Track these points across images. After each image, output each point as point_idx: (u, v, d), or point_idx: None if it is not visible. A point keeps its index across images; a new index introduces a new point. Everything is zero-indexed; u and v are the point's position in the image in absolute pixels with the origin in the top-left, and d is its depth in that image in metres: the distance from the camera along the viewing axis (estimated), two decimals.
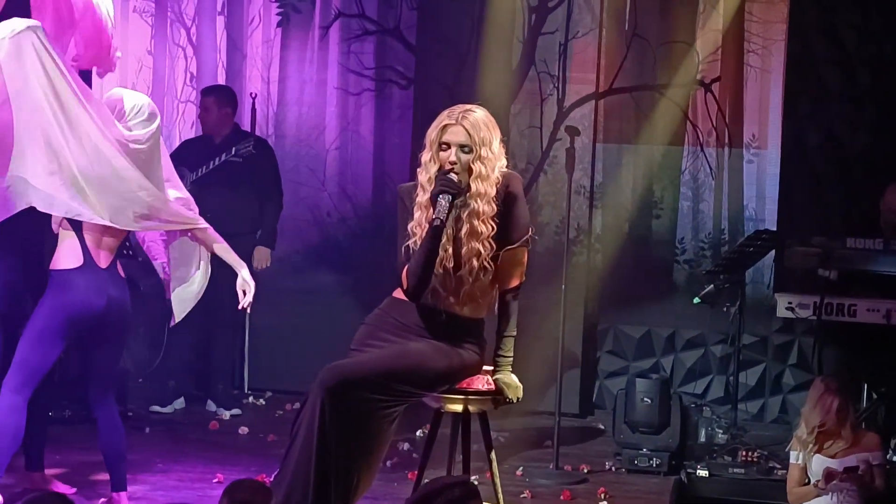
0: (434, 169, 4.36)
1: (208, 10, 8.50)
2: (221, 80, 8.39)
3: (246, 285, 5.10)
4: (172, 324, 5.32)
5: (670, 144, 8.09)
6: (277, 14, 8.40)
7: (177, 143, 8.16)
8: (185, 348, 7.50)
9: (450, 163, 4.34)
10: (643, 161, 8.11)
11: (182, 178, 7.29)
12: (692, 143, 8.10)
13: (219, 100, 7.50)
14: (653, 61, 8.04)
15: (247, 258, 7.63)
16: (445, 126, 4.37)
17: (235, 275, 5.19)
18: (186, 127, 8.54)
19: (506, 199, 4.39)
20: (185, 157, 7.38)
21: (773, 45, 7.99)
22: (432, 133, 4.39)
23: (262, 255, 7.48)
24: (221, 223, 7.29)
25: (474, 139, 4.33)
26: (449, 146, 4.35)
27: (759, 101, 8.05)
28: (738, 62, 8.07)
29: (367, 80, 8.30)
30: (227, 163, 7.34)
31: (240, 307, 5.12)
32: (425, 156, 4.41)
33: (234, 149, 7.34)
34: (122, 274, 5.13)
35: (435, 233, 4.29)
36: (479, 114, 4.40)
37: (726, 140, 8.09)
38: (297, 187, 8.26)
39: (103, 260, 5.01)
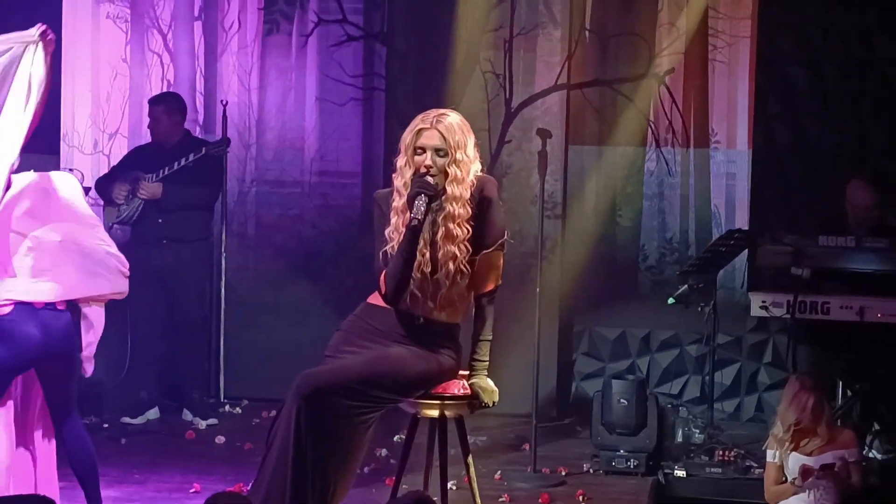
0: (409, 173, 4.37)
1: (185, 15, 8.28)
2: (200, 88, 8.22)
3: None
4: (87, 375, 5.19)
5: (631, 144, 7.96)
6: (266, 22, 8.17)
7: None
8: (151, 357, 7.46)
9: (425, 166, 4.35)
10: (605, 162, 7.99)
11: (137, 180, 7.33)
12: (661, 143, 7.96)
13: (168, 108, 7.48)
14: (610, 57, 7.90)
15: (202, 263, 7.63)
16: (420, 130, 4.38)
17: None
18: None
19: (480, 202, 4.39)
20: (138, 162, 7.39)
21: (740, 41, 7.87)
22: (407, 137, 4.40)
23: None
24: (173, 228, 7.36)
25: (449, 143, 4.34)
26: (424, 150, 4.36)
27: (726, 100, 7.93)
28: (702, 59, 7.93)
29: (351, 88, 8.08)
30: (184, 168, 7.31)
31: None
32: (400, 160, 4.42)
33: (203, 149, 7.30)
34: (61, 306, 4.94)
35: (412, 234, 4.29)
36: (453, 117, 4.41)
37: (690, 139, 7.96)
38: (277, 196, 8.15)
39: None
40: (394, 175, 4.44)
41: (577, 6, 7.83)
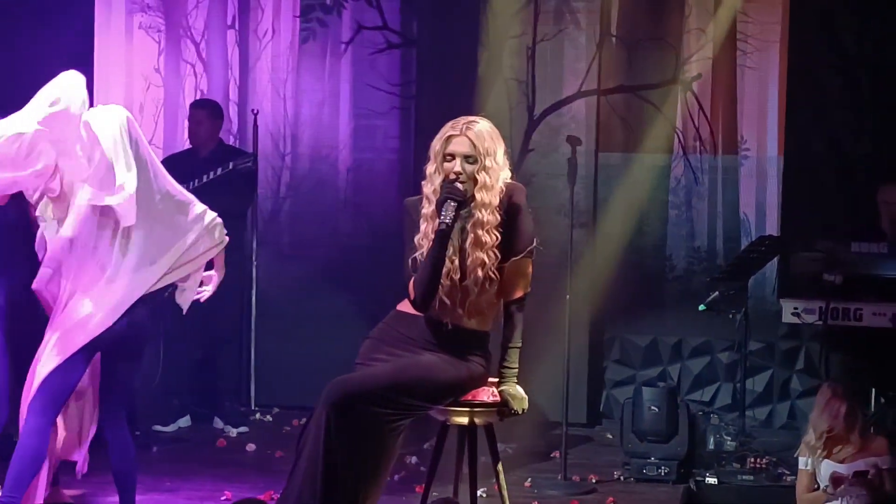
0: (439, 180, 4.38)
1: (218, 24, 8.26)
2: (234, 97, 8.23)
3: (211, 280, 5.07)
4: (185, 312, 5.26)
5: (658, 152, 7.92)
6: (303, 30, 8.13)
7: None
8: (184, 365, 7.51)
9: (454, 173, 4.36)
10: (631, 170, 7.92)
11: None
12: (688, 151, 7.93)
13: (211, 113, 7.51)
14: (636, 63, 7.86)
15: (234, 273, 7.60)
16: (450, 137, 4.39)
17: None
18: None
19: (509, 209, 4.40)
20: (171, 174, 7.38)
21: (770, 46, 7.83)
22: (437, 144, 4.42)
23: None
24: None
25: (479, 149, 4.36)
26: (454, 157, 4.38)
27: (756, 105, 7.88)
28: (730, 64, 7.87)
29: (388, 97, 8.01)
30: (221, 177, 7.31)
31: (200, 297, 5.09)
32: (429, 167, 4.43)
33: (230, 164, 7.29)
34: None
35: (441, 238, 4.30)
36: (483, 125, 4.42)
37: (718, 146, 7.91)
38: (311, 206, 8.12)
39: None
40: (423, 182, 4.46)
41: (602, 12, 7.80)
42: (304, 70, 8.17)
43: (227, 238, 5.05)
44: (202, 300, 5.10)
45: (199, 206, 4.96)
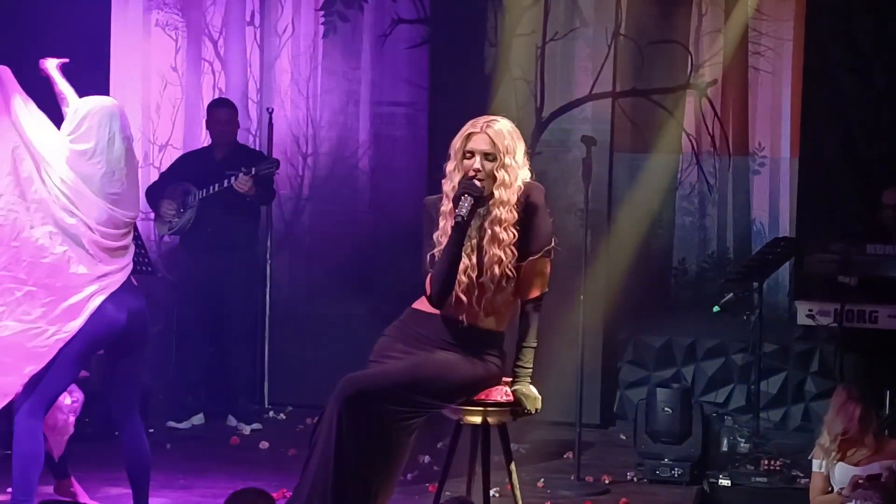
0: (458, 178, 4.38)
1: (236, 20, 8.15)
2: (253, 96, 8.14)
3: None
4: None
5: (668, 152, 7.89)
6: (322, 24, 8.02)
7: None
8: (198, 363, 7.52)
9: (473, 170, 4.37)
10: (643, 172, 7.90)
11: (187, 193, 7.35)
12: (700, 154, 7.89)
13: (230, 113, 7.51)
14: (647, 65, 7.80)
15: (250, 271, 7.63)
16: (470, 135, 4.40)
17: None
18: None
19: (527, 208, 4.40)
20: (187, 173, 7.39)
21: (784, 45, 7.78)
22: (457, 142, 4.43)
23: (246, 182, 7.13)
24: (223, 237, 7.37)
25: (498, 147, 4.37)
26: (473, 154, 4.38)
27: (769, 107, 7.83)
28: (743, 66, 7.81)
29: (410, 94, 7.92)
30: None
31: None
32: (449, 165, 4.44)
33: (253, 169, 7.17)
34: (135, 282, 5.05)
35: (458, 233, 4.31)
36: (503, 123, 4.44)
37: (730, 149, 7.86)
38: (331, 206, 8.05)
39: None
40: (443, 181, 4.46)
41: (613, 12, 7.74)
42: (326, 67, 8.06)
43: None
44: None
45: None
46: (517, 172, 4.40)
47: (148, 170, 8.01)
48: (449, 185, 4.43)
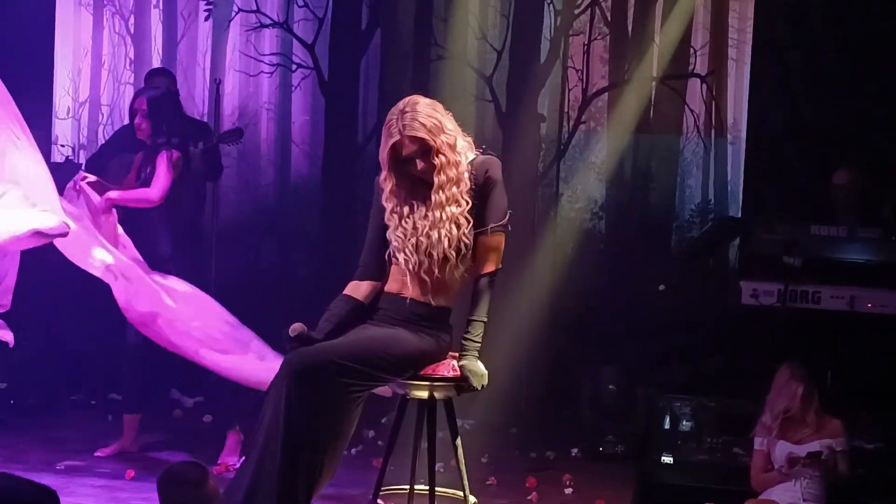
0: (390, 185, 4.36)
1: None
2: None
3: None
4: None
5: (669, 133, 8.27)
6: (205, 10, 8.72)
7: (118, 125, 8.22)
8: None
9: (419, 172, 4.32)
10: (645, 146, 8.26)
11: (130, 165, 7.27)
12: (692, 132, 8.32)
13: (169, 82, 7.38)
14: (647, 56, 8.15)
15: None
16: (393, 145, 4.34)
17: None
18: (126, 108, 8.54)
19: (485, 183, 4.39)
20: (129, 142, 7.28)
21: (746, 34, 8.12)
22: (383, 153, 4.37)
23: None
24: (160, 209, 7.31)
25: (425, 140, 4.32)
26: (411, 160, 4.34)
27: (735, 90, 8.30)
28: (722, 54, 8.35)
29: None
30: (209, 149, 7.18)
31: None
32: (382, 176, 4.40)
33: (214, 139, 7.05)
34: None
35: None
36: (417, 110, 4.35)
37: (712, 129, 8.30)
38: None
39: None
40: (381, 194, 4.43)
41: (629, 15, 8.15)
42: (223, 46, 8.96)
43: None
44: None
45: None
46: (454, 140, 4.35)
47: (69, 122, 8.89)
48: (383, 199, 4.39)
